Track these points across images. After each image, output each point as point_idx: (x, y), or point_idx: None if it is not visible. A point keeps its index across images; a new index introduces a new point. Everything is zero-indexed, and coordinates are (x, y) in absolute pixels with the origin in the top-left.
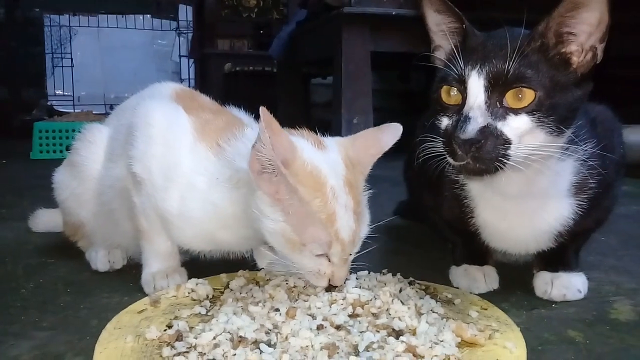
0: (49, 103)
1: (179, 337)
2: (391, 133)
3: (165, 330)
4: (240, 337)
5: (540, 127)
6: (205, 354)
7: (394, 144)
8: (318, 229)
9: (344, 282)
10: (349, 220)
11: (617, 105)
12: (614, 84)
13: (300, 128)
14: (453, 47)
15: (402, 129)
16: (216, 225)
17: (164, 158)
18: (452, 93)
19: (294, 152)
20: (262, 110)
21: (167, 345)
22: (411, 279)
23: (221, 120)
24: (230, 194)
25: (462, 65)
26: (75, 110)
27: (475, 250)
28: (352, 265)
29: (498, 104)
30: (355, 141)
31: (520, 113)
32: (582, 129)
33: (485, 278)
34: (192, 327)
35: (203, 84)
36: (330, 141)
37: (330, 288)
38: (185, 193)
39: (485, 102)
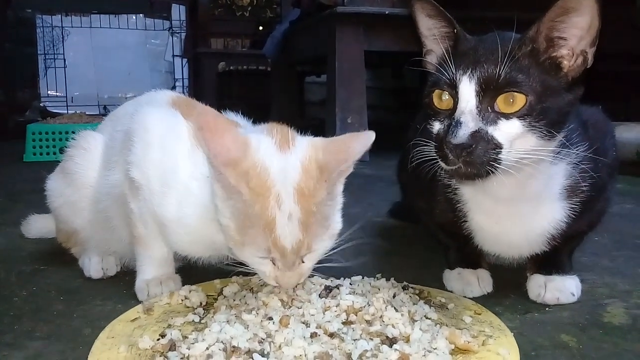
0: (42, 104)
1: (172, 346)
2: (361, 141)
3: (158, 339)
4: (234, 347)
5: (532, 132)
6: None
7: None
8: (257, 233)
9: (298, 286)
10: (293, 230)
11: (607, 101)
12: (601, 81)
13: (283, 125)
14: (444, 51)
15: (373, 138)
16: (214, 230)
17: (162, 164)
18: (443, 97)
19: (245, 150)
20: (200, 113)
21: (160, 355)
22: (405, 283)
23: None
24: None
25: (454, 70)
26: (69, 111)
27: (469, 254)
28: (346, 267)
29: (489, 109)
30: (329, 144)
31: (511, 118)
32: (573, 132)
33: (479, 281)
34: (186, 337)
35: (197, 83)
36: (304, 142)
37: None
38: (182, 198)
39: (477, 107)
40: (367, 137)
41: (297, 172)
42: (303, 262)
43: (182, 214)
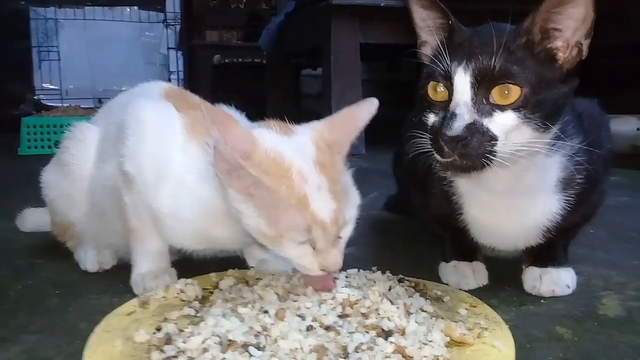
0: (36, 97)
1: (168, 340)
2: (366, 109)
3: (154, 333)
4: (230, 340)
5: (527, 124)
6: (194, 358)
7: (371, 121)
8: (293, 215)
9: (341, 269)
10: (326, 200)
11: (602, 94)
12: (597, 73)
13: (284, 120)
14: (439, 43)
15: (377, 104)
16: (208, 223)
17: (155, 156)
18: (438, 89)
19: (254, 142)
20: (207, 109)
21: (156, 349)
22: (400, 276)
23: None
24: (221, 191)
25: (449, 62)
26: (64, 104)
27: (464, 247)
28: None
29: (484, 101)
30: (331, 122)
31: (506, 109)
32: (568, 124)
33: (474, 274)
34: (182, 330)
35: (191, 76)
36: (302, 127)
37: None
38: (177, 191)
39: (472, 99)
40: (370, 104)
41: (311, 148)
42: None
43: (177, 207)
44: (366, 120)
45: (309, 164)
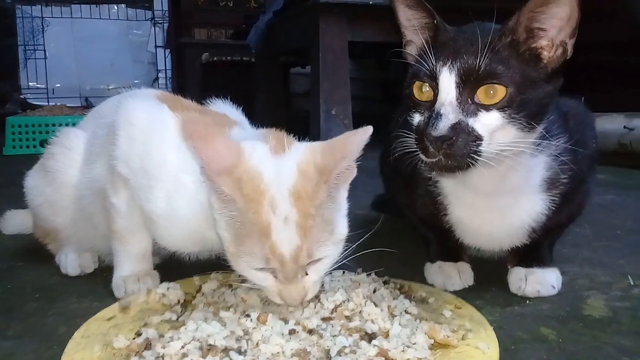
0: (22, 96)
1: (148, 345)
2: (358, 137)
3: (134, 338)
4: (210, 345)
5: (512, 123)
6: None
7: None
8: (253, 241)
9: (304, 304)
10: (291, 235)
11: (590, 93)
12: (584, 72)
13: (280, 131)
14: (424, 42)
15: (370, 132)
16: (205, 225)
17: (148, 157)
18: (424, 89)
19: (239, 157)
20: (184, 122)
21: (136, 355)
22: (386, 278)
23: (209, 118)
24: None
25: (434, 61)
26: (50, 103)
27: (450, 247)
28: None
29: (469, 100)
30: (326, 146)
31: (491, 109)
32: (553, 124)
33: (460, 275)
34: (162, 335)
35: (180, 74)
36: (301, 146)
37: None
38: (173, 192)
39: (457, 99)
40: (364, 133)
41: (292, 174)
42: (307, 274)
43: (172, 208)
44: (357, 149)
45: (284, 193)
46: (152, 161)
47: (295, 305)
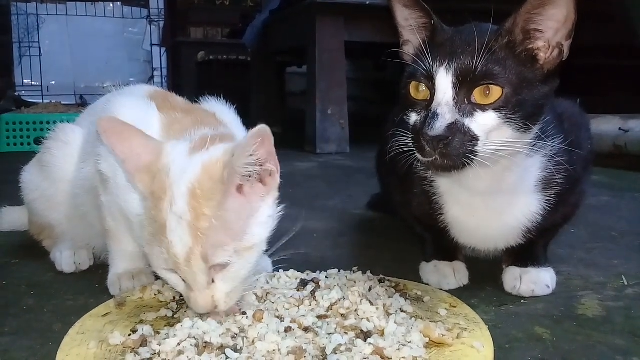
0: (16, 93)
1: (144, 342)
2: (251, 136)
3: (129, 335)
4: (206, 342)
5: (508, 124)
6: None
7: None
8: (157, 241)
9: (216, 314)
10: (182, 235)
11: (585, 94)
12: (580, 74)
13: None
14: (421, 42)
15: (265, 130)
16: None
17: None
18: (420, 89)
19: (158, 155)
20: (102, 120)
21: (131, 352)
22: (381, 276)
23: (189, 120)
24: None
25: (431, 61)
26: (45, 101)
27: (445, 247)
28: (323, 259)
29: (466, 101)
30: (238, 145)
31: (487, 110)
32: (549, 124)
33: (455, 274)
34: (158, 332)
35: (175, 73)
36: (223, 146)
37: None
38: None
39: (453, 99)
40: (257, 131)
41: (194, 172)
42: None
43: None
44: (249, 147)
45: (183, 190)
46: None
47: (202, 314)
